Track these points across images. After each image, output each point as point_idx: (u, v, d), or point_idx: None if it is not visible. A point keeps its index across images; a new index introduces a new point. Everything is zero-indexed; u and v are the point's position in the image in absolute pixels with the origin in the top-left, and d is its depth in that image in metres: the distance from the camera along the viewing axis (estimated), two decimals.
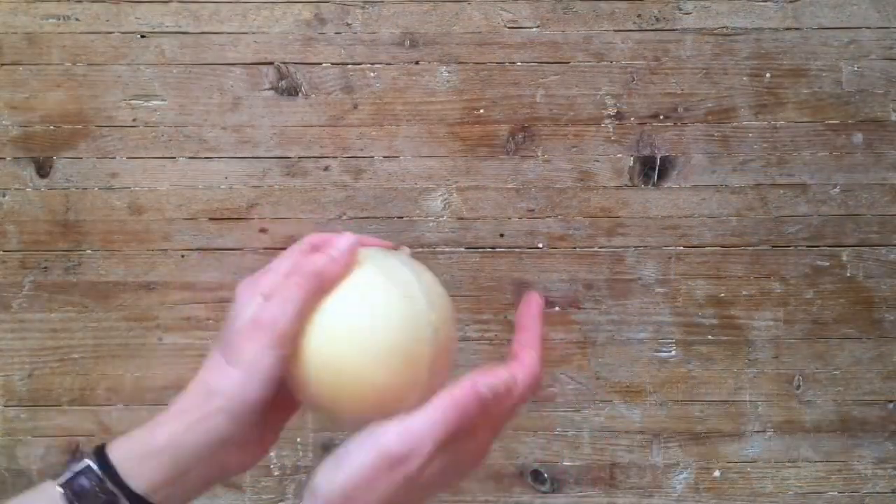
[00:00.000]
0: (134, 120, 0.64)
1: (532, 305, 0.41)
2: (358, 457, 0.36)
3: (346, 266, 0.39)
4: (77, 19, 0.64)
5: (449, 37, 0.64)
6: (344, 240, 0.40)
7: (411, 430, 0.36)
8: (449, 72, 0.64)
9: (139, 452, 0.39)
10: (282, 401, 0.41)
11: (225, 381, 0.39)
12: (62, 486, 0.39)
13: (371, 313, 0.39)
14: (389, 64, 0.64)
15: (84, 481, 0.39)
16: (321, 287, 0.39)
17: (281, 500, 0.66)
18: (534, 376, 0.38)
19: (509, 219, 0.65)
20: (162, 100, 0.64)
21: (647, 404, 0.66)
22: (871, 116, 0.65)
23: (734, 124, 0.65)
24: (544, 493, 0.66)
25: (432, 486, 0.37)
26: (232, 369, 0.39)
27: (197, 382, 0.40)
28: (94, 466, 0.39)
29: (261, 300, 0.39)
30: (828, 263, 0.65)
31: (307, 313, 0.39)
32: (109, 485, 0.39)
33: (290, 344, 0.38)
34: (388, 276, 0.40)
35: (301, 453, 0.66)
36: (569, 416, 0.66)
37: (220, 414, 0.39)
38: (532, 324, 0.41)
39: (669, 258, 0.65)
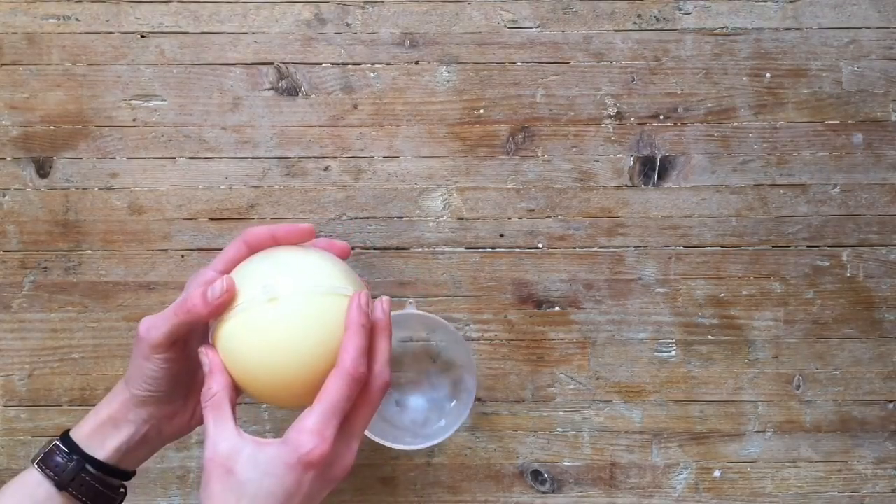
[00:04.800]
0: (134, 120, 0.64)
1: (352, 307, 0.47)
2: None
3: (217, 307, 0.47)
4: (77, 19, 0.64)
5: (449, 37, 0.64)
6: (219, 285, 0.47)
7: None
8: (449, 72, 0.64)
9: (92, 428, 0.50)
10: (202, 379, 0.49)
11: (128, 375, 0.50)
12: (37, 464, 0.49)
13: (285, 335, 0.46)
14: (389, 64, 0.64)
15: (56, 457, 0.49)
16: (189, 318, 0.47)
17: None
18: (350, 374, 0.45)
19: (509, 219, 0.65)
20: (162, 100, 0.64)
21: (647, 404, 0.66)
22: (871, 116, 0.65)
23: (734, 124, 0.65)
24: (544, 493, 0.66)
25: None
26: (130, 366, 0.50)
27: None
28: (60, 444, 0.50)
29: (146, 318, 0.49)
30: (828, 263, 0.65)
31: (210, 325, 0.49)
32: (75, 455, 0.49)
33: (162, 352, 0.48)
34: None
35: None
36: (569, 416, 0.66)
37: (132, 399, 0.50)
38: (352, 322, 0.46)
39: (669, 258, 0.65)
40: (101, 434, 0.50)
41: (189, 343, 0.51)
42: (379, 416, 0.63)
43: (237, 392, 0.48)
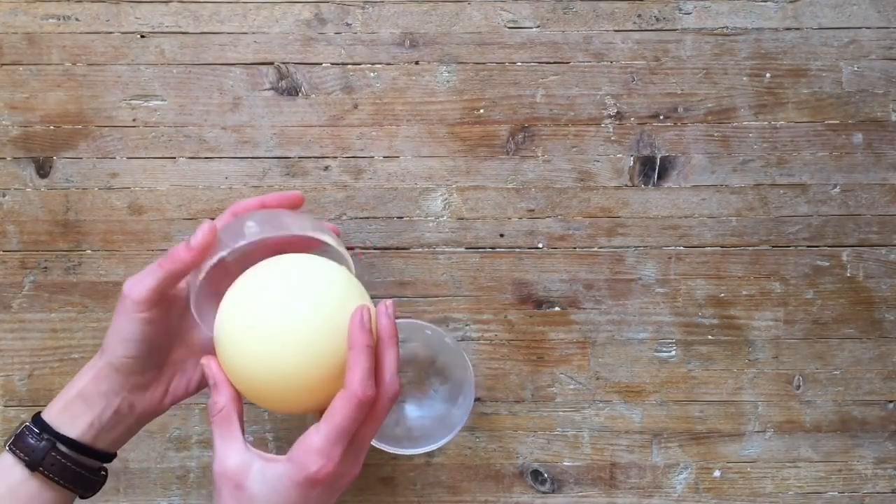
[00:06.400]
0: (134, 120, 0.64)
1: (354, 322, 0.46)
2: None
3: (200, 252, 0.48)
4: (77, 19, 0.64)
5: (449, 37, 0.64)
6: (199, 229, 0.49)
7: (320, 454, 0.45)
8: (449, 72, 0.64)
9: (61, 406, 0.49)
10: (177, 356, 0.51)
11: (107, 340, 0.49)
12: (9, 446, 0.48)
13: (291, 334, 0.45)
14: (389, 64, 0.64)
15: (27, 438, 0.48)
16: (174, 267, 0.48)
17: None
18: (358, 397, 0.44)
19: (509, 219, 0.65)
20: (162, 100, 0.64)
21: (647, 404, 0.66)
22: (871, 116, 0.65)
23: (734, 124, 0.65)
24: (544, 493, 0.66)
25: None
26: (109, 331, 0.49)
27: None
28: (31, 425, 0.48)
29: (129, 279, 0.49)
30: (828, 263, 0.65)
31: (168, 287, 0.49)
32: (46, 434, 0.48)
33: (145, 309, 0.48)
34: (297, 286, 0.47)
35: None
36: (569, 416, 0.66)
37: (105, 368, 0.49)
38: (356, 342, 0.45)
39: (669, 258, 0.65)
40: (70, 411, 0.49)
41: (171, 309, 0.51)
42: None
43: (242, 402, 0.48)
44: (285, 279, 0.47)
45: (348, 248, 0.56)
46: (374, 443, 0.60)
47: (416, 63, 0.64)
